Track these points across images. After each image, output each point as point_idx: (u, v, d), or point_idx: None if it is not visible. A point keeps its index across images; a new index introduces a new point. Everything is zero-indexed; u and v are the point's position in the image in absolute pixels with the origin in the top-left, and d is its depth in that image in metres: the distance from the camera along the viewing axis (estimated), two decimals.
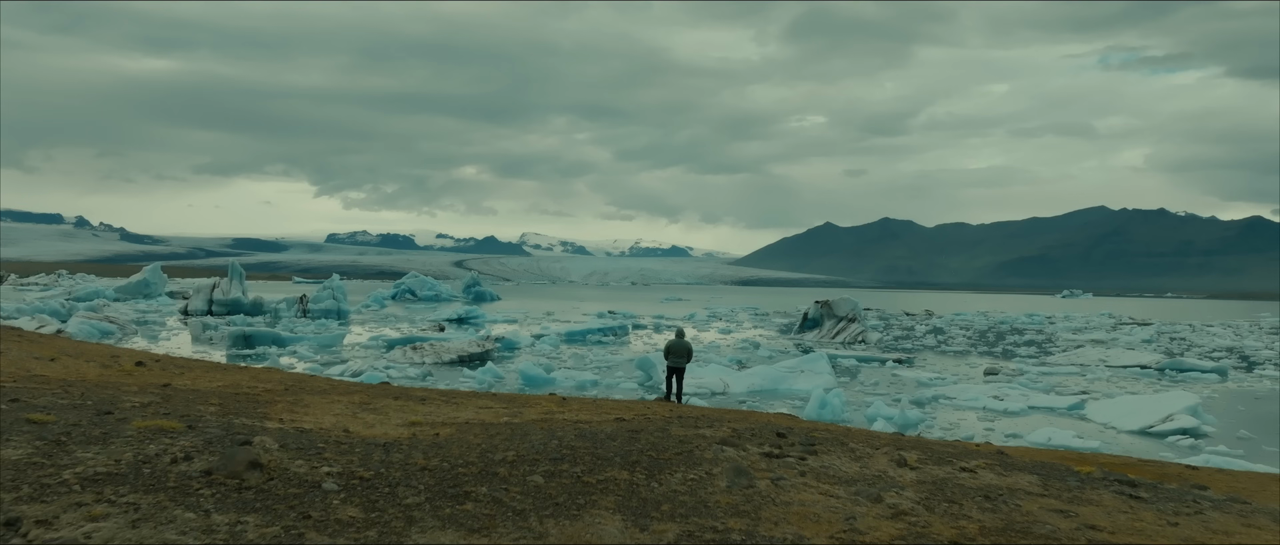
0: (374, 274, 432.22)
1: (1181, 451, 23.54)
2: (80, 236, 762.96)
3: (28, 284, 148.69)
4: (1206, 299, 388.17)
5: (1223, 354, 60.29)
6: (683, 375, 17.66)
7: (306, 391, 12.71)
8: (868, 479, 8.44)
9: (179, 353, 44.20)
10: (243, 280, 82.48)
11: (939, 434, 25.54)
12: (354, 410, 10.91)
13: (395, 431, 9.33)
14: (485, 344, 45.54)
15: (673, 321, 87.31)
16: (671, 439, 9.42)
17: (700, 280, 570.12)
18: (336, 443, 8.13)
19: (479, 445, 8.57)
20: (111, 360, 16.87)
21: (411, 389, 14.81)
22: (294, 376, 16.07)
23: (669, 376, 17.62)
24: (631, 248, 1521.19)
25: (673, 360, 17.25)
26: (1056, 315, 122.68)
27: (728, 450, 9.03)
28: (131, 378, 13.31)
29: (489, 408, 12.03)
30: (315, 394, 12.40)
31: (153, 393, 10.98)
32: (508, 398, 14.05)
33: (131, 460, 6.89)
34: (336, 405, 11.18)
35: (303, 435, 8.47)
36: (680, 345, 17.28)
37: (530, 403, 13.15)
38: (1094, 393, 36.00)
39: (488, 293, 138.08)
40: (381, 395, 12.84)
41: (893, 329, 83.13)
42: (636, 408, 13.62)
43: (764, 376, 35.69)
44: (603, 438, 9.28)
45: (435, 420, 10.41)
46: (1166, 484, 9.16)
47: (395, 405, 11.54)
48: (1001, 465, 9.52)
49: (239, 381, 13.72)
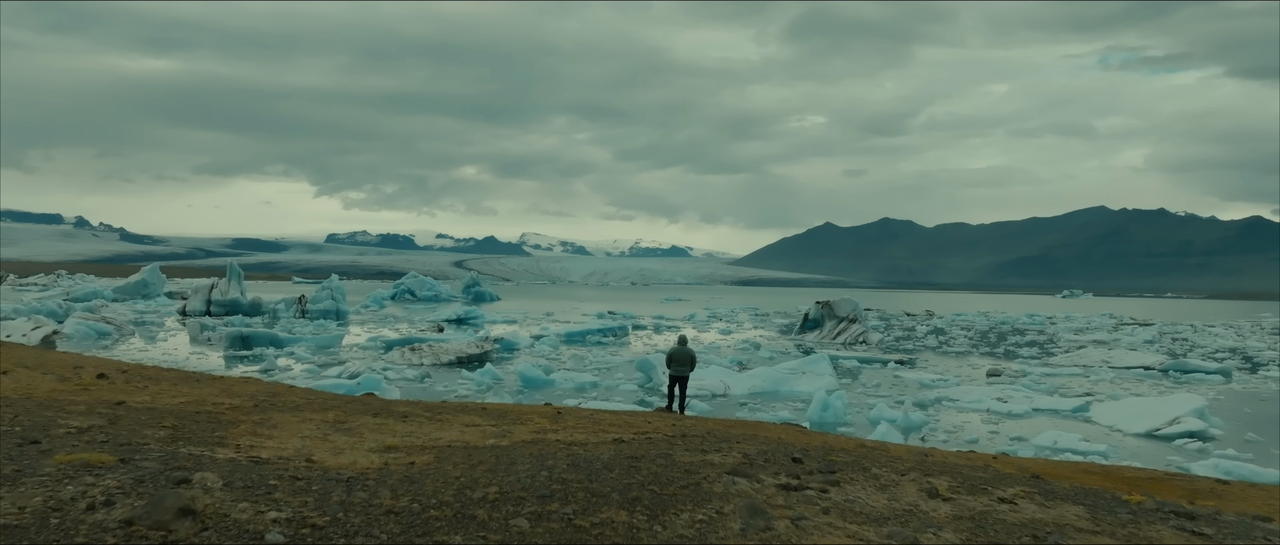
0: (374, 274, 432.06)
1: (1189, 455, 23.22)
2: (80, 237, 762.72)
3: (27, 284, 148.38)
4: (1206, 299, 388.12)
5: (1226, 355, 59.99)
6: (686, 384, 16.84)
7: (278, 407, 11.87)
8: (899, 515, 7.59)
9: (175, 353, 43.96)
10: (241, 281, 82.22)
11: (943, 437, 25.24)
12: (325, 431, 10.05)
13: (365, 460, 8.39)
14: (484, 345, 45.23)
15: (673, 322, 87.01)
16: (676, 468, 8.45)
17: (700, 280, 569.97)
18: (293, 478, 7.16)
19: (457, 479, 7.59)
20: (72, 372, 15.33)
21: (395, 403, 13.71)
22: (270, 388, 14.90)
23: (671, 385, 16.86)
24: (631, 248, 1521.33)
25: (675, 368, 16.47)
26: (1057, 316, 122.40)
27: (740, 482, 8.12)
28: (85, 394, 12.00)
29: (476, 425, 11.15)
30: (287, 411, 11.52)
31: (100, 413, 9.90)
32: (498, 411, 13.18)
33: (40, 507, 5.83)
34: (307, 425, 10.36)
35: (256, 468, 7.53)
36: (683, 353, 16.49)
37: (522, 417, 12.37)
38: (1098, 394, 35.69)
39: (487, 293, 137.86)
40: (360, 411, 11.99)
41: (894, 330, 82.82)
42: (637, 422, 12.77)
43: (765, 378, 35.37)
44: (598, 467, 8.27)
45: (413, 443, 9.51)
46: (1224, 514, 8.25)
47: (372, 424, 10.75)
48: (1042, 493, 8.65)
49: (206, 396, 12.75)
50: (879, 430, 23.32)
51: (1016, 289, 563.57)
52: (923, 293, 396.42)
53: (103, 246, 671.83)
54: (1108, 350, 56.73)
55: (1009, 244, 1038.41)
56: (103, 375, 14.85)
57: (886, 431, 23.14)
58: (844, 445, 11.66)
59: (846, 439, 14.04)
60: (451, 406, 13.57)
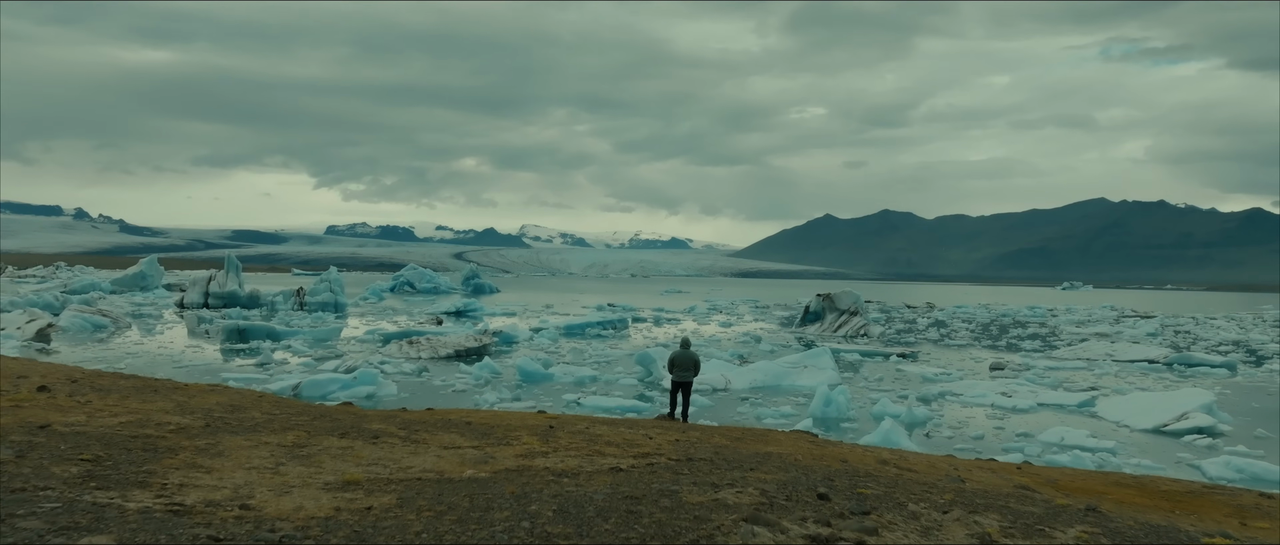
0: (373, 266, 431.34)
1: (1199, 452, 22.84)
2: (79, 229, 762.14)
3: (25, 276, 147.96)
4: (1206, 291, 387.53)
5: (1229, 348, 59.64)
6: (689, 390, 15.55)
7: (233, 427, 10.59)
8: None
9: (171, 347, 43.53)
10: (239, 273, 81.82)
11: (948, 433, 24.87)
12: (279, 459, 8.75)
13: (314, 504, 7.07)
14: (483, 338, 44.83)
15: (673, 314, 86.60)
16: (683, 513, 7.17)
17: (700, 272, 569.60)
18: (214, 540, 5.87)
19: (418, 535, 6.30)
20: (13, 384, 13.55)
21: (369, 416, 12.30)
22: (234, 399, 13.28)
23: (673, 392, 15.65)
24: (631, 240, 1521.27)
25: (678, 374, 15.27)
26: (1058, 308, 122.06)
27: (760, 534, 6.71)
28: (11, 414, 10.40)
29: (455, 448, 9.91)
30: (241, 432, 10.26)
31: (12, 443, 8.54)
32: (483, 427, 11.81)
33: None
34: (259, 452, 9.10)
35: (171, 522, 6.24)
36: (686, 357, 15.31)
37: (509, 434, 11.10)
38: (1103, 389, 35.30)
39: (486, 285, 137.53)
40: (326, 430, 10.74)
41: (895, 322, 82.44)
42: (637, 438, 11.38)
43: (766, 372, 34.97)
44: (591, 514, 7.00)
45: (378, 476, 8.23)
46: None
47: (337, 448, 9.49)
48: (1105, 532, 7.49)
49: (153, 413, 11.23)
50: (883, 426, 22.92)
51: (1016, 281, 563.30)
52: (922, 284, 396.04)
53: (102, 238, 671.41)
54: (1110, 343, 56.33)
55: (1009, 236, 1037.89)
56: (44, 388, 13.16)
57: (890, 428, 22.74)
58: (867, 465, 10.44)
59: (866, 451, 12.98)
60: (432, 421, 12.20)
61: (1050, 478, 10.07)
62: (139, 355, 39.74)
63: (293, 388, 28.80)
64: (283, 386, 29.15)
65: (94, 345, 43.84)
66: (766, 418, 26.62)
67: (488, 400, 28.16)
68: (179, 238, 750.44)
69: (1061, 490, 9.04)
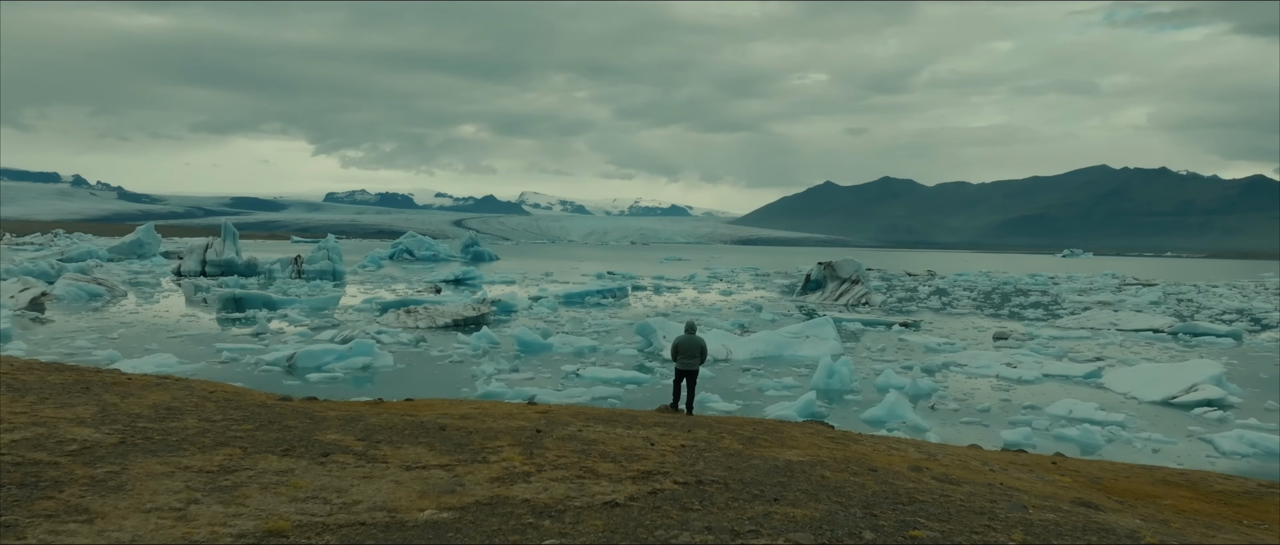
0: (373, 233, 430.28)
1: (1209, 425, 22.44)
2: (77, 195, 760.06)
3: (23, 244, 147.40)
4: (1206, 258, 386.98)
5: (1233, 316, 59.25)
6: (695, 379, 14.11)
7: (154, 444, 8.74)
8: None
9: (167, 315, 43.07)
10: (236, 240, 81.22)
11: (953, 406, 24.45)
12: (193, 494, 7.10)
13: None
14: (481, 307, 44.35)
15: (673, 282, 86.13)
16: None
17: (700, 239, 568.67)
18: None
19: None
20: None
21: (325, 421, 10.41)
22: (172, 400, 11.19)
23: (677, 380, 14.18)
24: (631, 207, 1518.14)
25: (683, 361, 13.89)
26: (1059, 276, 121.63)
27: None
28: None
29: (419, 468, 8.24)
30: (161, 452, 8.39)
31: None
32: (459, 435, 10.04)
33: None
34: (172, 482, 7.33)
35: None
36: (691, 343, 13.91)
37: (488, 443, 9.47)
38: (1109, 359, 34.89)
39: (486, 253, 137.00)
40: (268, 445, 8.94)
41: (896, 290, 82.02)
42: (637, 445, 9.72)
43: (768, 343, 34.54)
44: None
45: (312, 518, 6.66)
46: None
47: (273, 473, 7.79)
48: None
49: (62, 424, 9.37)
50: (888, 399, 22.52)
51: (1016, 248, 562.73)
52: (923, 252, 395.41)
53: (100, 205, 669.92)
54: (1114, 312, 55.90)
55: (1010, 203, 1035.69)
56: None
57: (895, 400, 22.33)
58: (901, 476, 8.84)
59: (892, 449, 11.37)
60: (401, 426, 10.43)
61: (1093, 476, 9.28)
62: (133, 324, 39.28)
63: (287, 358, 28.37)
64: (277, 357, 28.74)
65: (88, 314, 43.39)
66: (768, 389, 26.20)
67: (485, 371, 27.73)
68: (177, 205, 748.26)
69: (1112, 494, 8.21)
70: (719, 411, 22.14)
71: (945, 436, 20.23)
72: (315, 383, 25.80)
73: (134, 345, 31.99)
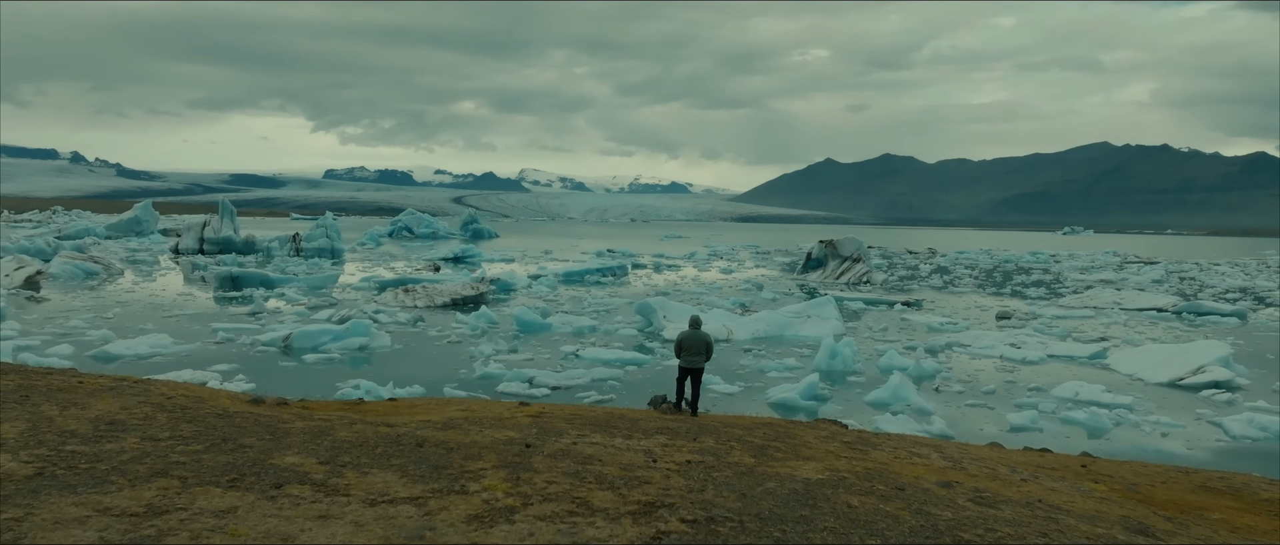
0: (372, 210, 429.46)
1: (1218, 407, 22.13)
2: (76, 172, 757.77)
3: (21, 221, 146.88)
4: (1207, 236, 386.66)
5: (1237, 295, 58.91)
6: (700, 377, 13.14)
7: (77, 473, 7.44)
8: None
9: (164, 294, 42.69)
10: (234, 218, 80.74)
11: (957, 388, 24.13)
12: None
13: None
14: (480, 286, 43.98)
15: (672, 261, 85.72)
16: None
17: (700, 217, 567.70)
18: None
19: None
20: None
21: (289, 436, 9.16)
22: (120, 413, 9.77)
23: (681, 378, 13.22)
24: (631, 184, 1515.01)
25: (687, 359, 12.93)
26: (1060, 253, 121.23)
27: None
28: None
29: (386, 503, 7.09)
30: (83, 487, 7.08)
31: None
32: (437, 455, 8.66)
33: None
34: (79, 535, 6.03)
35: None
36: (696, 339, 12.95)
37: (466, 472, 8.03)
38: (1113, 339, 34.58)
39: (486, 230, 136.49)
40: (213, 473, 7.59)
41: (897, 268, 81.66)
42: (638, 472, 8.37)
43: (769, 323, 34.19)
44: None
45: None
46: None
47: (210, 514, 6.60)
48: None
49: None
50: (892, 381, 22.19)
51: (1017, 225, 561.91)
52: (923, 229, 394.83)
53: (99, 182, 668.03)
54: (1116, 290, 55.59)
55: (1010, 180, 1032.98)
56: None
57: (899, 383, 22.01)
58: (931, 493, 8.04)
59: (914, 456, 10.33)
60: (375, 441, 9.09)
61: (1129, 483, 8.67)
62: (129, 304, 38.93)
63: (283, 339, 28.05)
64: (273, 337, 28.41)
65: (84, 293, 43.03)
66: (770, 371, 25.88)
67: (483, 352, 27.40)
68: (177, 182, 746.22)
69: (1155, 506, 7.63)
70: (720, 395, 21.84)
71: (950, 419, 19.93)
72: (311, 363, 25.49)
73: (129, 325, 31.65)
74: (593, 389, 22.62)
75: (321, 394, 21.13)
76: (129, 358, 25.15)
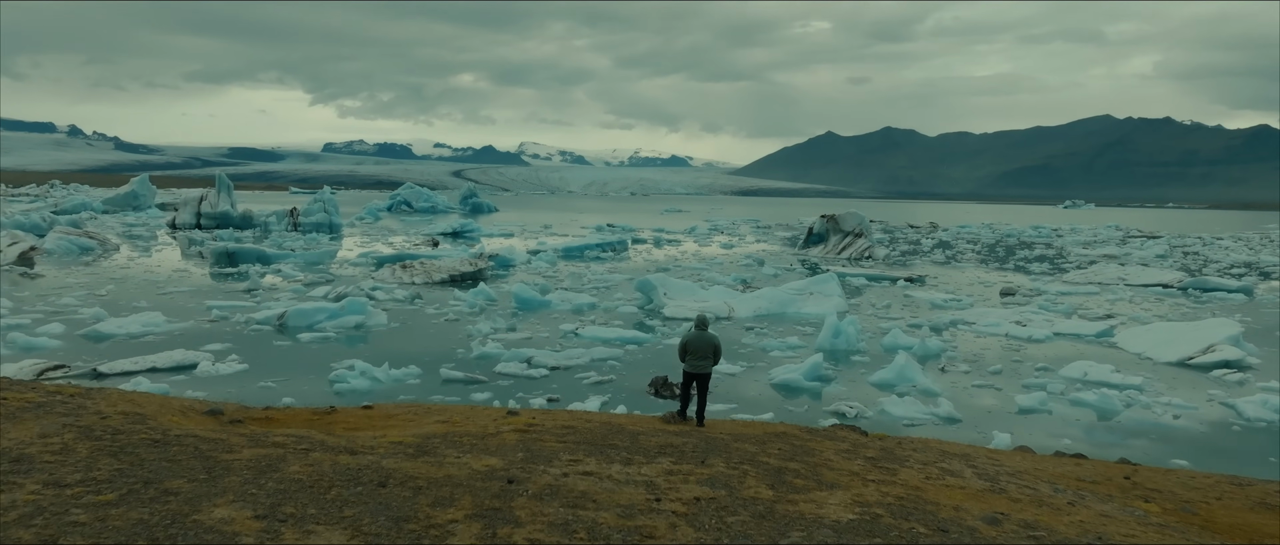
0: (371, 183, 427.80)
1: (1230, 388, 21.70)
2: (74, 146, 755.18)
3: (18, 195, 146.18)
4: (1208, 209, 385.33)
5: (1242, 270, 58.44)
6: (707, 383, 11.75)
7: None
8: None
9: (158, 271, 42.19)
10: (231, 192, 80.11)
11: (963, 367, 23.70)
12: None
13: None
14: (478, 262, 43.49)
15: (673, 235, 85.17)
16: None
17: (700, 190, 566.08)
18: None
19: None
20: None
21: (230, 470, 7.58)
22: (22, 449, 7.76)
23: (686, 384, 11.88)
24: (631, 157, 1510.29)
25: (692, 363, 11.58)
26: (1062, 227, 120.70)
27: None
28: None
29: None
30: None
31: None
32: (397, 505, 6.94)
33: None
34: None
35: None
36: (702, 341, 11.62)
37: (433, 523, 6.65)
38: (1120, 316, 34.13)
39: (485, 204, 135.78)
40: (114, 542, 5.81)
41: (899, 243, 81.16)
42: (638, 518, 7.06)
43: (771, 300, 33.73)
44: None
45: None
46: None
47: None
48: None
49: None
50: (897, 361, 21.75)
51: (1018, 199, 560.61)
52: (924, 203, 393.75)
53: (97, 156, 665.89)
54: (1120, 266, 55.10)
55: (1011, 153, 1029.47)
56: None
57: (905, 363, 21.57)
58: (985, 535, 7.07)
59: (949, 476, 9.20)
60: (327, 482, 7.42)
61: (1184, 502, 7.89)
62: (124, 280, 38.48)
63: (278, 317, 27.60)
64: (268, 315, 27.96)
65: (78, 269, 42.56)
66: (773, 350, 25.45)
67: (481, 331, 26.93)
68: (175, 155, 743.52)
69: (1219, 532, 7.04)
70: (723, 375, 21.39)
71: (957, 401, 19.50)
72: (306, 343, 25.06)
73: (122, 303, 31.19)
74: (592, 369, 22.19)
75: (315, 376, 20.72)
76: (120, 337, 24.71)
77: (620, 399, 18.94)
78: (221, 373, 20.75)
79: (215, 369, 20.95)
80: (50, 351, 22.63)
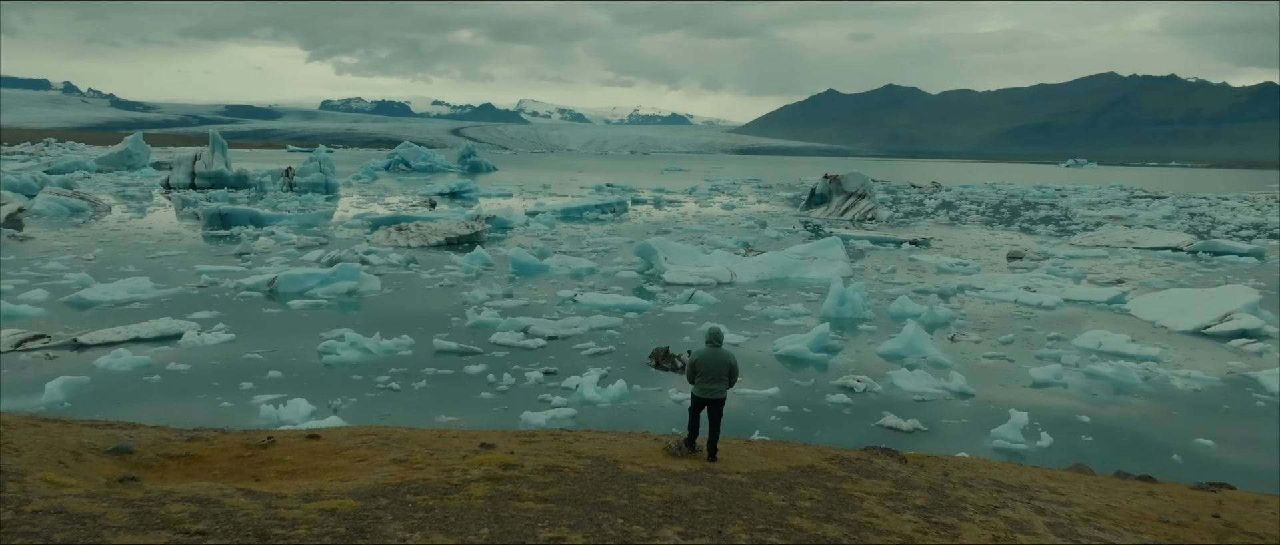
0: (370, 141, 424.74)
1: (1250, 359, 21.02)
2: (69, 103, 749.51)
3: (12, 153, 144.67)
4: (1211, 168, 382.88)
5: (1251, 232, 57.63)
6: (721, 409, 9.57)
7: None
8: None
9: (149, 233, 41.37)
10: (225, 151, 78.92)
11: (974, 337, 23.01)
12: None
13: None
14: (475, 224, 42.63)
15: (673, 195, 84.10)
16: None
17: (700, 148, 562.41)
18: None
19: None
20: None
21: (172, 523, 5.65)
22: None
23: (696, 409, 9.71)
24: (630, 115, 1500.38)
25: (704, 386, 9.54)
26: (1066, 187, 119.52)
27: None
28: None
29: None
30: None
31: None
32: None
33: None
34: None
35: None
36: (716, 360, 9.60)
37: None
38: (1131, 281, 33.40)
39: (483, 163, 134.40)
40: None
41: (902, 204, 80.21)
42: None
43: (774, 265, 32.97)
44: None
45: None
46: None
47: None
48: None
49: None
50: (906, 331, 21.05)
51: (1021, 157, 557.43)
52: (926, 161, 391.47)
53: (93, 113, 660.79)
54: (1127, 227, 54.33)
55: (1015, 111, 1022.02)
56: None
57: (914, 333, 20.86)
58: None
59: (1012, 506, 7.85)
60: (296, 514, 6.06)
61: None
62: (113, 243, 37.69)
63: (268, 283, 26.87)
64: (258, 281, 27.22)
65: (68, 231, 41.77)
66: (777, 318, 24.73)
67: (476, 298, 26.19)
68: (171, 113, 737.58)
69: None
70: (726, 344, 20.65)
71: (970, 373, 18.77)
72: (296, 310, 24.34)
73: (109, 268, 30.41)
74: (591, 340, 21.47)
75: (303, 347, 19.96)
76: (105, 304, 23.98)
77: (620, 372, 18.23)
78: (207, 344, 20.02)
79: (201, 340, 20.22)
80: (31, 320, 21.89)
